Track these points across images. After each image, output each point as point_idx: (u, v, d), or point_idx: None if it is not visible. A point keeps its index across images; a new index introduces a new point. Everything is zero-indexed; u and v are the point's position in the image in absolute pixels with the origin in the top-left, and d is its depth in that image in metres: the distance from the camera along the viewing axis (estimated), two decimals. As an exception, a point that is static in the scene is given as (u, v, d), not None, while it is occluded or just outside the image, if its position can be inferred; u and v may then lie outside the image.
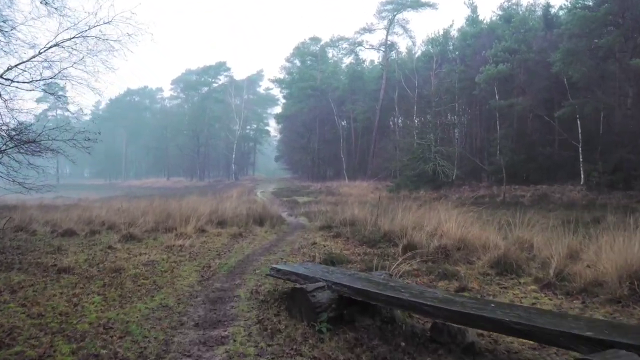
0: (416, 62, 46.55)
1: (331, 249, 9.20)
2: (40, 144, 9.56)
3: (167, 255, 8.45)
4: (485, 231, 9.66)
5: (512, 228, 9.54)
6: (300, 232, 13.21)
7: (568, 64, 28.20)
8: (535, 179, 33.28)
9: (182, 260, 8.15)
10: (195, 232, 11.53)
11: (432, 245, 8.31)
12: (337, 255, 8.01)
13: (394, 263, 7.86)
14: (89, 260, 8.03)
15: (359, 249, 9.38)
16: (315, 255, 8.25)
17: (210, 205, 16.29)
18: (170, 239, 10.15)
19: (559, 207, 24.86)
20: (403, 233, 10.04)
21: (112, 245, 9.53)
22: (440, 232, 10.25)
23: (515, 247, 8.58)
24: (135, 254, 8.72)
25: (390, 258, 8.22)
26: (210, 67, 74.87)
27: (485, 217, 12.16)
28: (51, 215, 15.62)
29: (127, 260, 8.05)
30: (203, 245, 9.87)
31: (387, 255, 8.48)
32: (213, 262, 8.09)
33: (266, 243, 10.68)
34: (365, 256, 8.36)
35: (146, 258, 8.11)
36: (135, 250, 9.15)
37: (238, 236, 11.70)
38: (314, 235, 11.76)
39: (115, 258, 8.25)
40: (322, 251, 8.99)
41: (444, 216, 11.66)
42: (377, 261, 7.88)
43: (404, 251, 8.44)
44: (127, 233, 10.76)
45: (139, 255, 8.45)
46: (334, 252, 8.26)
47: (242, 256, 8.73)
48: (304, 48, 60.88)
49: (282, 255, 8.80)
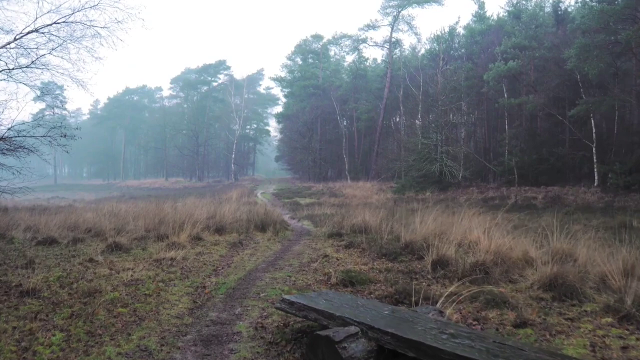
0: (421, 60, 45.31)
1: (346, 263, 7.95)
2: (12, 141, 8.30)
3: (155, 272, 7.18)
4: (514, 239, 8.44)
5: (542, 235, 8.39)
6: (307, 239, 11.95)
7: (584, 60, 26.92)
8: (546, 181, 32.03)
9: (173, 278, 6.88)
10: (190, 240, 10.27)
11: (467, 260, 7.04)
12: (356, 273, 6.74)
13: (423, 282, 6.63)
14: (62, 279, 6.77)
15: (378, 262, 8.11)
16: (330, 273, 6.97)
17: (207, 209, 15.04)
18: (161, 249, 8.89)
19: (575, 210, 23.60)
20: (426, 243, 8.80)
21: (93, 258, 8.27)
22: (468, 242, 9.04)
23: (556, 260, 7.41)
24: (119, 269, 7.46)
25: (419, 276, 6.98)
26: (209, 66, 73.58)
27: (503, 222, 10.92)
28: (37, 219, 14.34)
29: (107, 278, 6.79)
30: (198, 258, 8.59)
31: (414, 272, 7.23)
32: (209, 280, 6.84)
33: (270, 255, 9.41)
34: (389, 273, 7.10)
35: (130, 275, 6.85)
36: (119, 264, 7.88)
37: (238, 245, 10.45)
38: (323, 245, 10.50)
39: (94, 275, 6.99)
40: (336, 266, 7.73)
41: (467, 223, 10.46)
42: (404, 280, 6.65)
43: (434, 268, 7.19)
44: (112, 242, 9.50)
45: (122, 272, 7.19)
46: (352, 270, 6.97)
47: (243, 272, 7.46)
48: (305, 46, 59.58)
49: (289, 271, 7.53)
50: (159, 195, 31.82)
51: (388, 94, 46.14)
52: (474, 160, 38.73)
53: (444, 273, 6.92)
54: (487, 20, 42.25)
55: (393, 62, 47.18)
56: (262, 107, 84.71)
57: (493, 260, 7.11)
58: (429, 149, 36.66)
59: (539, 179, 32.67)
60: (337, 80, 57.57)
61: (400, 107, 46.11)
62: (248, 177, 72.79)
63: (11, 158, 8.96)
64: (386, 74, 47.50)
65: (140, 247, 9.62)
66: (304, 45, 59.67)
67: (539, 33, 34.74)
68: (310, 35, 60.64)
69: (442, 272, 6.98)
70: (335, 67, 59.76)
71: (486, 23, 41.64)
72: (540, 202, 27.75)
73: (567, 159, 32.07)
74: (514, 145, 34.54)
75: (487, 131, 40.88)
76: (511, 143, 35.04)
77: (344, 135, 53.29)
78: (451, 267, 7.10)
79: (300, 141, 54.96)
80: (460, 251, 8.11)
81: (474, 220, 10.69)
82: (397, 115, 51.62)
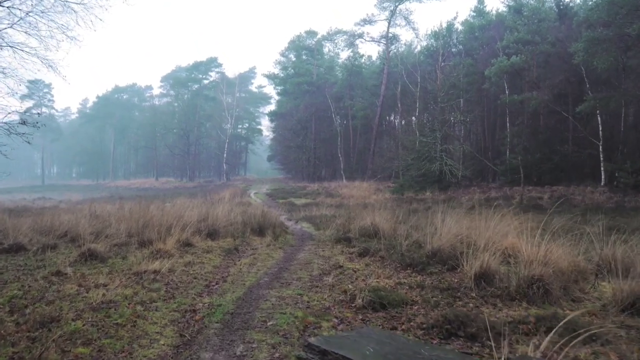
0: (419, 56, 44.09)
1: (366, 277, 6.60)
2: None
3: (134, 290, 5.78)
4: (557, 246, 7.18)
5: (578, 240, 7.19)
6: (311, 245, 10.61)
7: (592, 54, 25.79)
8: (550, 180, 30.93)
9: (155, 298, 5.48)
10: (179, 247, 8.88)
11: (520, 274, 5.72)
12: (385, 292, 5.38)
13: (469, 303, 5.30)
14: (15, 300, 5.38)
15: (404, 275, 6.78)
16: (352, 291, 5.61)
17: (199, 210, 13.62)
18: (143, 258, 7.48)
19: (586, 211, 22.45)
20: (456, 251, 7.50)
21: (61, 270, 6.87)
22: (503, 249, 7.73)
23: (612, 271, 6.22)
24: (89, 285, 6.07)
25: (461, 294, 5.65)
26: (200, 63, 71.88)
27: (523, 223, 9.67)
28: (12, 222, 12.83)
29: (73, 299, 5.40)
30: (187, 270, 7.19)
31: (452, 288, 5.90)
32: (200, 301, 5.45)
33: (272, 264, 8.03)
34: (423, 291, 5.76)
35: (101, 295, 5.46)
36: (91, 278, 6.48)
37: (234, 253, 9.09)
38: (331, 252, 9.15)
39: (57, 295, 5.60)
40: (355, 281, 6.38)
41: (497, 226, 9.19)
42: (445, 300, 5.32)
43: (477, 282, 5.87)
44: (87, 250, 8.09)
45: (92, 289, 5.80)
46: (380, 287, 5.59)
47: (243, 289, 6.08)
48: (299, 42, 58.10)
49: (299, 287, 6.16)
50: (148, 196, 30.30)
51: (385, 91, 44.84)
52: (475, 159, 37.57)
53: (492, 290, 5.61)
54: (487, 15, 41.12)
55: (390, 58, 45.90)
56: (254, 105, 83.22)
57: (548, 273, 5.80)
58: (428, 147, 35.45)
59: (542, 178, 31.56)
60: (332, 77, 56.24)
61: (398, 104, 44.84)
62: (240, 177, 71.28)
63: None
64: (383, 70, 46.20)
65: (119, 256, 8.22)
66: (297, 41, 58.20)
67: (542, 28, 33.62)
68: (304, 31, 59.27)
69: (488, 289, 5.67)
70: (329, 63, 58.40)
71: (486, 18, 40.51)
72: (547, 202, 26.63)
73: (572, 158, 30.98)
74: (516, 143, 33.42)
75: (487, 129, 39.73)
76: (513, 141, 33.93)
77: (339, 134, 51.92)
78: (498, 283, 5.80)
79: (294, 140, 53.54)
80: (501, 261, 6.81)
81: (501, 223, 9.42)
82: (395, 113, 50.39)
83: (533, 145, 32.48)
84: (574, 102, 30.33)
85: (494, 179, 37.25)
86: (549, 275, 5.65)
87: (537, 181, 31.40)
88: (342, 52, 57.60)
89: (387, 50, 46.73)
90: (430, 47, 43.15)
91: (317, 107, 52.33)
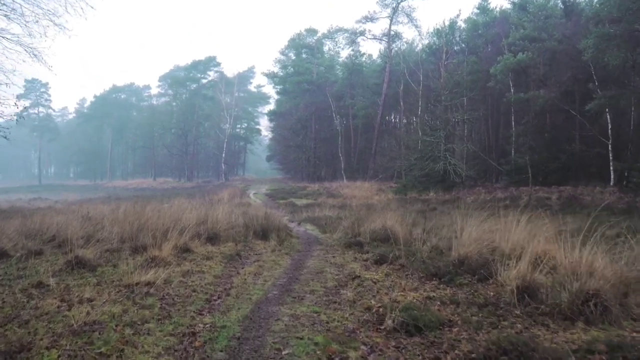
0: (421, 54, 43.33)
1: (388, 289, 5.81)
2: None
3: (123, 307, 4.98)
4: (597, 253, 6.41)
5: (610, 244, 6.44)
6: (319, 250, 9.82)
7: (602, 50, 25.07)
8: (557, 180, 30.18)
9: (147, 317, 4.69)
10: (176, 253, 8.08)
11: (570, 287, 4.93)
12: (416, 309, 4.59)
13: (516, 323, 4.53)
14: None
15: (431, 287, 5.99)
16: (378, 308, 4.83)
17: (197, 212, 12.82)
18: (136, 267, 6.68)
19: (599, 212, 21.71)
20: (485, 259, 6.74)
21: (43, 281, 6.08)
22: (535, 256, 6.94)
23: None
24: (73, 300, 5.28)
25: (502, 311, 4.87)
26: (199, 62, 71.00)
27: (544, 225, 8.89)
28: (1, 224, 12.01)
29: (52, 318, 4.61)
30: (185, 281, 6.39)
31: (490, 303, 5.12)
32: (200, 321, 4.66)
33: (280, 274, 7.23)
34: (458, 308, 4.98)
35: (85, 313, 4.67)
36: (76, 291, 5.69)
37: (236, 259, 8.30)
38: (343, 258, 8.36)
39: (35, 312, 4.81)
40: (377, 294, 5.59)
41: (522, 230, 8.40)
42: (488, 320, 4.55)
43: (520, 297, 5.08)
44: (74, 257, 7.29)
45: (76, 306, 5.01)
46: (411, 306, 4.78)
47: (249, 305, 5.28)
48: (299, 40, 57.27)
49: (314, 303, 5.35)
50: (146, 196, 29.48)
51: (387, 89, 44.08)
52: (479, 158, 36.84)
53: (540, 308, 4.83)
54: (490, 12, 40.40)
55: (392, 57, 45.12)
56: (253, 105, 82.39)
57: (605, 287, 5.03)
58: (431, 146, 34.71)
59: (548, 178, 30.81)
60: (332, 76, 55.48)
61: (401, 103, 44.07)
62: (239, 177, 70.45)
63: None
64: (384, 69, 45.43)
65: (110, 264, 7.43)
66: (297, 39, 57.37)
67: (549, 24, 32.89)
68: (305, 29, 58.48)
69: (533, 306, 4.89)
70: (330, 62, 57.59)
71: (490, 15, 39.81)
72: (555, 202, 25.91)
73: (579, 157, 30.25)
74: (521, 142, 32.70)
75: (492, 128, 38.99)
76: (518, 140, 33.20)
77: (340, 133, 51.13)
78: (544, 298, 5.02)
79: (293, 139, 52.76)
80: (538, 270, 6.03)
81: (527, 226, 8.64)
82: (397, 112, 49.62)
83: (539, 145, 31.76)
84: (581, 100, 29.60)
85: (498, 179, 36.54)
86: (605, 290, 4.87)
87: (543, 181, 30.66)
88: (343, 50, 56.80)
89: (389, 48, 45.97)
90: (433, 45, 42.42)
91: (317, 106, 51.57)
